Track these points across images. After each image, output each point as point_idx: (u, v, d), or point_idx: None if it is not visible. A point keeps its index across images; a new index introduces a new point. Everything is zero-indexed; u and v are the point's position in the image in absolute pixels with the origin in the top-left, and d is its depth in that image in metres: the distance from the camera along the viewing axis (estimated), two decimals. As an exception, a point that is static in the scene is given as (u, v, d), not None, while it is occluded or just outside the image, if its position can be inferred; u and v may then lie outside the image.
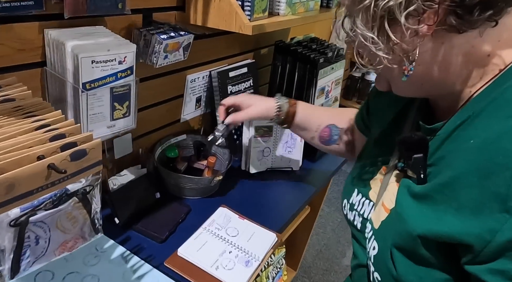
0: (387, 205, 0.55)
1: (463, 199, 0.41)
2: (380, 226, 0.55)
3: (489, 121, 0.41)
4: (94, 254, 0.80)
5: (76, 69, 0.65)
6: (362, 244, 0.61)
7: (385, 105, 0.65)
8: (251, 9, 0.85)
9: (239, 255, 0.87)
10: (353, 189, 0.65)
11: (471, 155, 0.41)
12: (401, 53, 0.42)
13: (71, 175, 0.52)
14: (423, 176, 0.48)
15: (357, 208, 0.63)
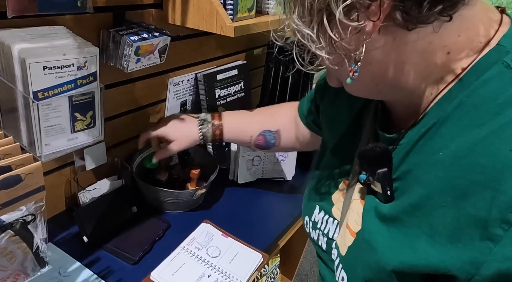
0: (352, 228, 0.49)
1: (436, 222, 0.36)
2: (347, 254, 0.49)
3: (457, 129, 0.36)
4: (56, 278, 0.72)
5: (25, 76, 0.56)
6: (330, 266, 0.55)
7: (336, 111, 0.59)
8: (234, 8, 0.76)
9: (219, 280, 0.79)
10: (314, 206, 0.58)
11: (442, 170, 0.36)
12: (344, 52, 0.37)
13: (2, 205, 0.44)
14: (390, 193, 0.43)
15: (320, 227, 0.57)
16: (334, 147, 0.59)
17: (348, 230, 0.50)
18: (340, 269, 0.50)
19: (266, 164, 1.13)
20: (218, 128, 0.83)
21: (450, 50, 0.37)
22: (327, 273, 0.57)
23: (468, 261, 0.34)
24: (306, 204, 0.62)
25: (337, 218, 0.54)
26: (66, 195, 0.88)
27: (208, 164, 1.06)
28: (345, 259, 0.49)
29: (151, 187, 0.91)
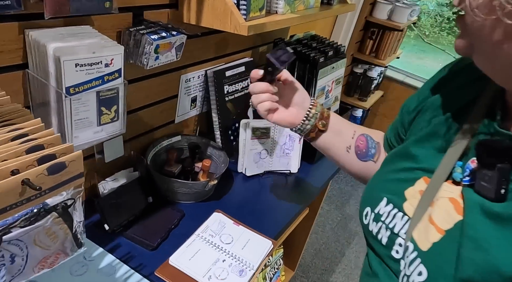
0: (439, 225, 0.47)
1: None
2: (432, 249, 0.47)
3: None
4: (81, 263, 0.77)
5: (58, 73, 0.61)
6: (386, 262, 0.53)
7: (438, 104, 0.56)
8: (247, 8, 0.81)
9: (233, 264, 0.84)
10: (381, 197, 0.55)
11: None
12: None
13: (49, 190, 0.48)
14: (504, 192, 0.41)
15: (384, 220, 0.54)
16: (421, 139, 0.56)
17: (434, 226, 0.48)
18: (417, 264, 0.48)
19: (273, 157, 1.18)
20: (324, 115, 0.72)
21: None
22: (380, 270, 0.54)
23: None
24: (370, 194, 0.59)
25: (408, 214, 0.52)
26: (86, 186, 0.93)
27: (218, 157, 1.11)
28: (427, 254, 0.47)
29: (166, 178, 0.95)
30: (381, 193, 0.56)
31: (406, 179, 0.54)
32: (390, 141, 0.69)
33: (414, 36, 4.82)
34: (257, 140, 1.14)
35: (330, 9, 1.16)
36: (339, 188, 2.78)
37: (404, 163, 0.56)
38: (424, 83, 0.63)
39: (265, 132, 1.15)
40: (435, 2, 4.71)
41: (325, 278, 2.05)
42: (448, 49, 4.74)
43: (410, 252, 0.49)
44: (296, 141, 1.19)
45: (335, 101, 1.44)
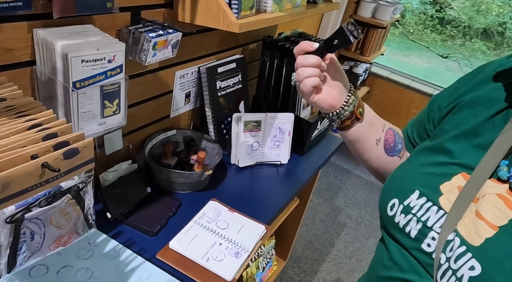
0: (490, 220, 0.47)
1: None
2: (485, 245, 0.47)
3: None
4: (87, 248, 0.82)
5: (66, 69, 0.66)
6: (414, 254, 0.53)
7: (478, 102, 0.56)
8: (238, 7, 0.87)
9: (229, 247, 0.90)
10: (412, 190, 0.55)
11: None
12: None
13: (64, 173, 0.54)
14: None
15: (416, 213, 0.53)
16: (459, 134, 0.55)
17: (483, 221, 0.48)
18: (467, 258, 0.47)
19: (264, 149, 1.24)
20: (360, 103, 0.70)
21: None
22: (404, 262, 0.54)
23: None
24: (398, 186, 0.58)
25: (444, 208, 0.52)
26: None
27: (212, 150, 1.17)
28: (480, 250, 0.47)
29: (164, 170, 1.01)
30: (413, 186, 0.55)
31: (442, 174, 0.53)
32: (413, 139, 0.69)
33: (399, 34, 4.93)
34: (249, 133, 1.20)
35: (315, 7, 1.22)
36: (327, 182, 2.86)
37: (438, 157, 0.55)
38: (457, 81, 0.63)
39: (256, 125, 1.21)
40: (418, 0, 4.83)
41: (316, 268, 2.13)
42: (432, 46, 4.86)
43: (456, 247, 0.48)
44: (286, 134, 1.26)
45: (322, 96, 1.51)
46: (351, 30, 0.61)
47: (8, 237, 0.50)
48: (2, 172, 0.46)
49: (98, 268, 0.78)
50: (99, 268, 0.78)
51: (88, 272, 0.77)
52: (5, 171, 0.47)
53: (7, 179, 0.47)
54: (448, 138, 0.56)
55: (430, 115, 0.65)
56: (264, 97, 1.40)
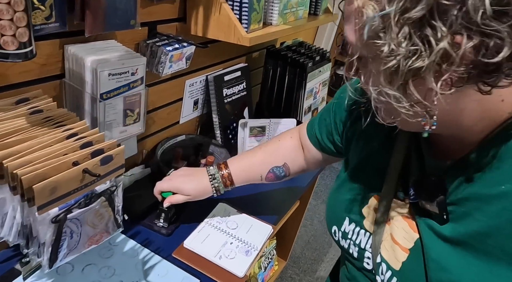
0: (402, 244, 0.52)
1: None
2: (403, 268, 0.52)
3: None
4: (107, 247, 0.88)
5: (94, 81, 0.72)
6: (363, 272, 0.60)
7: (365, 129, 0.59)
8: (248, 21, 0.93)
9: (239, 246, 0.96)
10: (343, 217, 0.61)
11: (508, 202, 0.40)
12: (422, 109, 0.39)
13: (101, 177, 0.59)
14: (446, 217, 0.46)
15: (351, 238, 0.60)
16: (361, 164, 0.61)
17: (397, 245, 0.52)
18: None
19: (268, 153, 1.31)
20: (228, 178, 0.87)
21: (504, 98, 0.40)
22: (358, 275, 0.61)
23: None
24: (333, 214, 0.64)
25: (369, 230, 0.57)
26: (104, 181, 1.03)
27: (219, 154, 1.23)
28: (401, 273, 0.52)
29: (176, 173, 1.06)
30: (343, 214, 0.61)
31: (360, 199, 0.59)
32: (323, 142, 0.76)
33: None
34: (254, 138, 1.27)
35: (316, 19, 1.29)
36: (325, 184, 2.93)
37: (354, 184, 0.61)
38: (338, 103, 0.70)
39: (261, 130, 1.27)
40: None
41: (315, 267, 2.19)
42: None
43: (385, 271, 0.53)
44: (289, 138, 1.32)
45: (322, 101, 1.58)
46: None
47: (52, 235, 0.56)
48: (51, 177, 0.52)
49: (119, 266, 0.84)
50: (120, 266, 0.84)
51: (111, 269, 0.83)
52: (53, 176, 0.53)
53: (55, 183, 0.52)
54: (356, 165, 0.62)
55: (334, 128, 0.72)
56: (267, 103, 1.46)
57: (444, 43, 0.33)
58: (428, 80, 0.36)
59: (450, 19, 0.33)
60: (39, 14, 0.60)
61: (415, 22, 0.34)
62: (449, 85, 0.37)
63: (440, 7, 0.33)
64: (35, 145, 0.56)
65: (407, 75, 0.36)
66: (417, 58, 0.35)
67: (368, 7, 0.36)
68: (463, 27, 0.33)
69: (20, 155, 0.54)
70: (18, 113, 0.62)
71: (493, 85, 0.36)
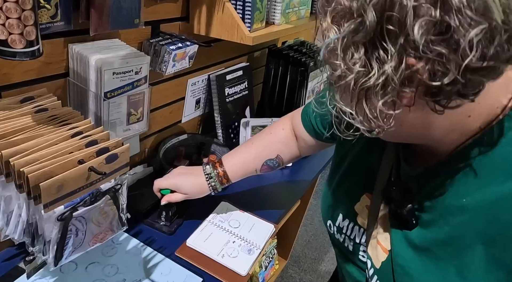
0: (383, 245, 0.55)
1: (466, 260, 0.43)
2: (382, 268, 0.55)
3: (482, 181, 0.42)
4: (111, 246, 0.88)
5: (99, 80, 0.72)
6: (357, 264, 0.62)
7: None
8: (251, 21, 0.93)
9: (242, 244, 0.96)
10: (338, 213, 0.64)
11: (467, 216, 0.43)
12: (378, 125, 0.41)
13: (106, 176, 0.60)
14: (415, 222, 0.49)
15: (346, 232, 0.62)
16: (354, 160, 0.62)
17: (380, 246, 0.55)
18: (375, 279, 0.55)
19: (270, 152, 1.31)
20: (224, 177, 0.89)
21: (471, 114, 0.42)
22: (355, 271, 0.63)
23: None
24: (327, 210, 0.66)
25: (363, 226, 0.59)
26: (107, 180, 1.03)
27: (221, 153, 1.23)
28: (380, 272, 0.54)
29: (178, 172, 1.06)
30: (337, 210, 0.64)
31: (352, 197, 0.61)
32: (318, 129, 0.77)
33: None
34: (256, 137, 1.27)
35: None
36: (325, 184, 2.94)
37: (347, 181, 0.64)
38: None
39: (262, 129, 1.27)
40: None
41: (315, 267, 2.20)
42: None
43: (369, 268, 0.57)
44: (290, 138, 1.32)
45: (323, 101, 1.58)
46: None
47: (57, 233, 0.56)
48: (57, 175, 0.52)
49: (123, 264, 0.84)
50: (124, 264, 0.84)
51: (114, 268, 0.83)
52: (59, 174, 0.53)
53: (62, 181, 0.53)
54: (349, 163, 0.64)
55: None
56: (268, 103, 1.47)
57: (392, 64, 0.35)
58: (373, 99, 0.38)
59: (398, 43, 0.34)
60: (45, 13, 0.60)
61: (366, 44, 0.36)
62: (393, 105, 0.38)
63: (387, 31, 0.34)
64: (41, 143, 0.56)
65: (359, 94, 0.39)
66: (369, 78, 0.37)
67: (331, 30, 0.38)
68: (409, 50, 0.34)
69: (26, 153, 0.54)
70: (24, 111, 0.62)
71: (444, 106, 0.37)
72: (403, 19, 0.33)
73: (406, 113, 0.40)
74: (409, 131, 0.44)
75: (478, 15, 0.32)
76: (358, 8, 0.35)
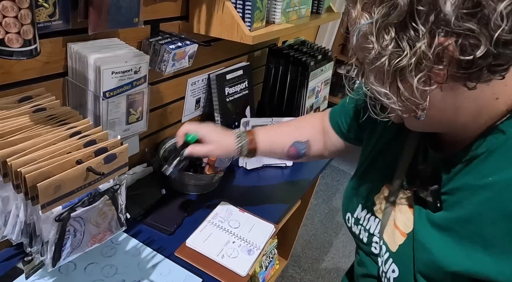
0: (402, 229, 0.57)
1: (489, 236, 0.44)
2: (399, 250, 0.56)
3: (506, 160, 0.44)
4: (110, 246, 0.88)
5: (97, 79, 0.71)
6: (370, 255, 0.65)
7: (381, 124, 0.64)
8: (251, 20, 0.93)
9: (241, 245, 0.96)
10: (357, 204, 0.66)
11: (492, 193, 0.44)
12: (413, 105, 0.43)
13: (105, 176, 0.59)
14: (440, 205, 0.50)
15: (362, 223, 0.65)
16: (376, 155, 0.65)
17: (398, 230, 0.57)
18: (390, 263, 0.57)
19: (270, 152, 1.30)
20: (253, 142, 0.86)
21: (499, 96, 0.43)
22: (368, 262, 0.65)
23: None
24: (348, 202, 0.69)
25: (378, 217, 0.62)
26: (106, 180, 1.02)
27: (221, 153, 1.23)
28: (396, 255, 0.56)
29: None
30: (357, 201, 0.66)
31: (373, 188, 0.64)
32: (344, 130, 0.79)
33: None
34: (256, 136, 1.26)
35: (319, 18, 1.29)
36: (325, 184, 2.93)
37: (369, 174, 0.67)
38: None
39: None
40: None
41: (316, 266, 2.19)
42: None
43: (384, 252, 0.59)
44: (291, 137, 1.32)
45: (324, 100, 1.58)
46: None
47: (55, 234, 0.56)
48: (55, 175, 0.52)
49: (122, 264, 0.84)
50: (123, 265, 0.84)
51: (113, 268, 0.82)
52: (57, 174, 0.52)
53: (59, 181, 0.52)
54: (373, 157, 0.67)
55: (353, 116, 0.75)
56: (269, 102, 1.46)
57: (424, 43, 0.37)
58: (408, 77, 0.40)
59: (429, 21, 0.37)
60: (43, 12, 0.59)
61: (397, 26, 0.39)
62: (428, 81, 0.40)
63: (418, 11, 0.37)
64: (38, 143, 0.56)
65: (394, 74, 0.41)
66: (402, 58, 0.39)
67: (362, 17, 0.41)
68: (440, 28, 0.37)
69: (23, 153, 0.54)
70: (21, 111, 0.61)
71: (476, 81, 0.39)
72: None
73: (436, 94, 0.42)
74: (438, 115, 0.46)
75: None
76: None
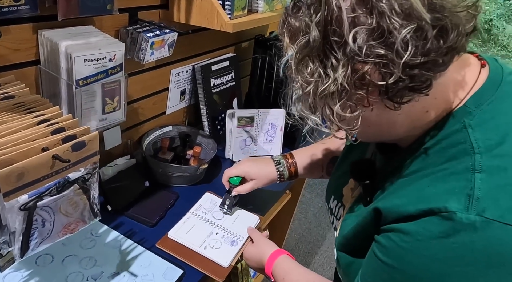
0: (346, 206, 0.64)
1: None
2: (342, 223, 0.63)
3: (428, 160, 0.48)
4: (89, 238, 0.86)
5: (69, 67, 0.70)
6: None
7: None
8: (231, 7, 0.91)
9: (225, 236, 0.95)
10: (330, 195, 0.71)
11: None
12: (346, 127, 0.46)
13: (73, 164, 0.58)
14: (369, 200, 0.54)
15: (334, 213, 0.69)
16: (350, 148, 0.71)
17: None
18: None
19: (257, 143, 1.29)
20: (293, 165, 0.93)
21: (428, 109, 0.46)
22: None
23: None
24: (327, 193, 0.74)
25: (346, 206, 0.66)
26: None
27: (207, 145, 1.21)
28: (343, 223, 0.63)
29: (161, 164, 1.05)
30: (331, 192, 0.71)
31: (343, 180, 0.68)
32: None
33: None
34: (242, 128, 1.25)
35: (305, 7, 1.27)
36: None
37: (341, 168, 0.71)
38: None
39: (249, 121, 1.25)
40: None
41: (309, 260, 2.19)
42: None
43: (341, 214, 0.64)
44: (278, 129, 1.31)
45: (313, 92, 1.56)
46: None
47: (22, 223, 0.54)
48: (17, 163, 0.51)
49: (101, 256, 0.82)
50: (102, 257, 0.82)
51: (92, 260, 0.81)
52: (19, 162, 0.51)
53: (22, 169, 0.51)
54: (343, 154, 0.74)
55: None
56: (256, 94, 1.44)
57: (343, 70, 0.40)
58: (332, 105, 0.43)
59: (345, 51, 0.39)
60: (7, -4, 0.58)
61: (319, 55, 0.41)
62: (354, 106, 0.43)
63: (334, 42, 0.40)
64: (3, 130, 0.54)
65: (320, 102, 0.44)
66: (328, 85, 0.41)
67: (289, 48, 0.44)
68: (355, 56, 0.39)
69: (-14, 140, 0.52)
70: (-12, 99, 0.60)
71: (398, 102, 0.42)
72: (342, 31, 0.39)
73: (370, 114, 0.45)
74: (377, 131, 0.50)
75: (405, 17, 0.37)
76: (304, 27, 0.41)
